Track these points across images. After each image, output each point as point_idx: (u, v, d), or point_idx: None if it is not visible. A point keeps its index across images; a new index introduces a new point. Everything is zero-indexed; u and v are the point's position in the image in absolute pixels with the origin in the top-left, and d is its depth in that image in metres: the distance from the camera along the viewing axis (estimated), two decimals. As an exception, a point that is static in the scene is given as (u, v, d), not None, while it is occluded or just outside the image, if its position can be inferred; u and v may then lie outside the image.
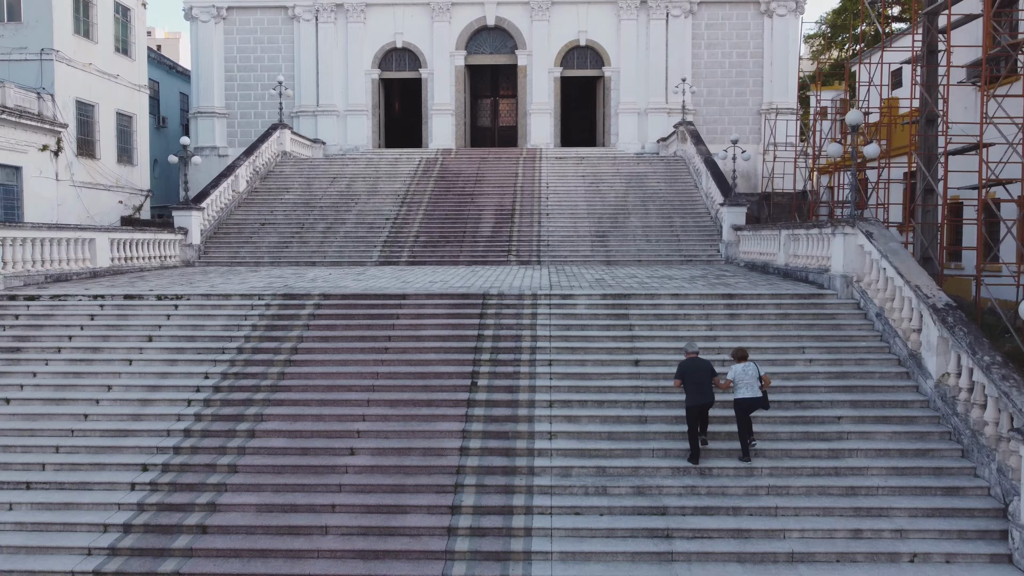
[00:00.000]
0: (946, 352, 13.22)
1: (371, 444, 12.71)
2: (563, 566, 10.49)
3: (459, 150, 40.24)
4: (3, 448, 12.82)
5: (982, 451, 11.90)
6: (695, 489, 11.80)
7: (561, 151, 39.23)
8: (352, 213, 30.96)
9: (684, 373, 12.18)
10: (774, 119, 38.95)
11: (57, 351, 15.32)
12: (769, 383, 12.43)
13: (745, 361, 12.35)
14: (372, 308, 16.76)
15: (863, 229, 16.33)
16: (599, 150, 40.69)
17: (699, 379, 12.06)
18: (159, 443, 12.81)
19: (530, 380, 14.17)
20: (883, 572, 10.39)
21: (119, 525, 11.22)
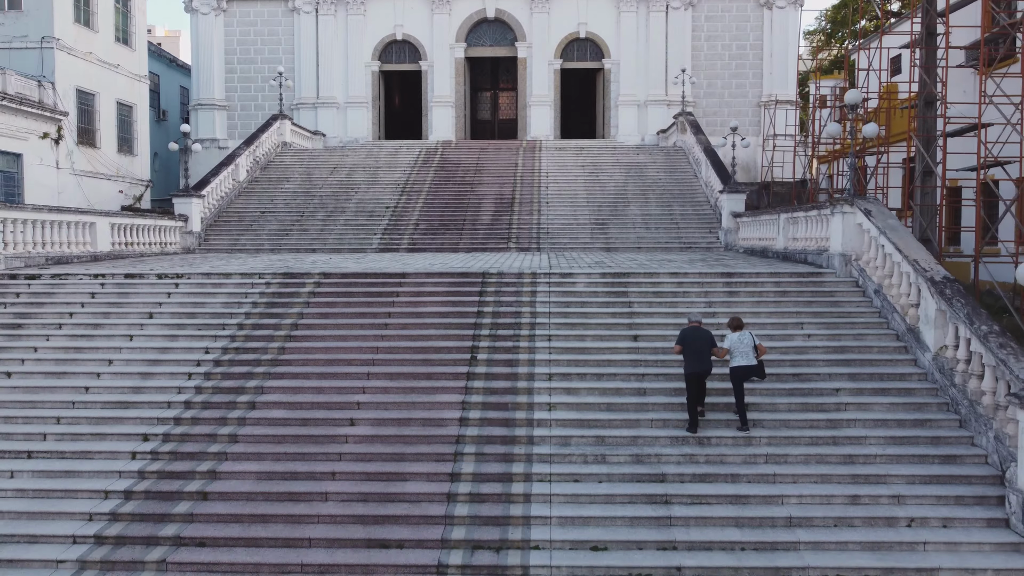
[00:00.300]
0: (944, 325, 13.26)
1: (371, 415, 12.75)
2: (562, 530, 10.55)
3: (459, 142, 40.31)
4: (4, 419, 12.87)
5: (979, 420, 11.94)
6: (693, 457, 11.85)
7: (561, 143, 39.29)
8: (352, 202, 30.99)
9: (685, 340, 12.28)
10: (773, 110, 39.02)
11: (58, 327, 15.36)
12: (764, 352, 12.51)
13: (741, 330, 12.43)
14: (372, 286, 16.81)
15: (861, 207, 16.38)
16: (599, 142, 40.73)
17: (699, 347, 12.15)
18: (160, 414, 12.85)
19: (529, 354, 14.22)
20: (880, 536, 10.45)
21: (120, 492, 11.27)
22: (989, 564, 10.01)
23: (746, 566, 9.97)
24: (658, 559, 10.10)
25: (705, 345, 12.19)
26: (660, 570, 9.98)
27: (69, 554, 10.25)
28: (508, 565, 10.00)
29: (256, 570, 10.05)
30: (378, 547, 10.35)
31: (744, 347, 12.21)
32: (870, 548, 10.32)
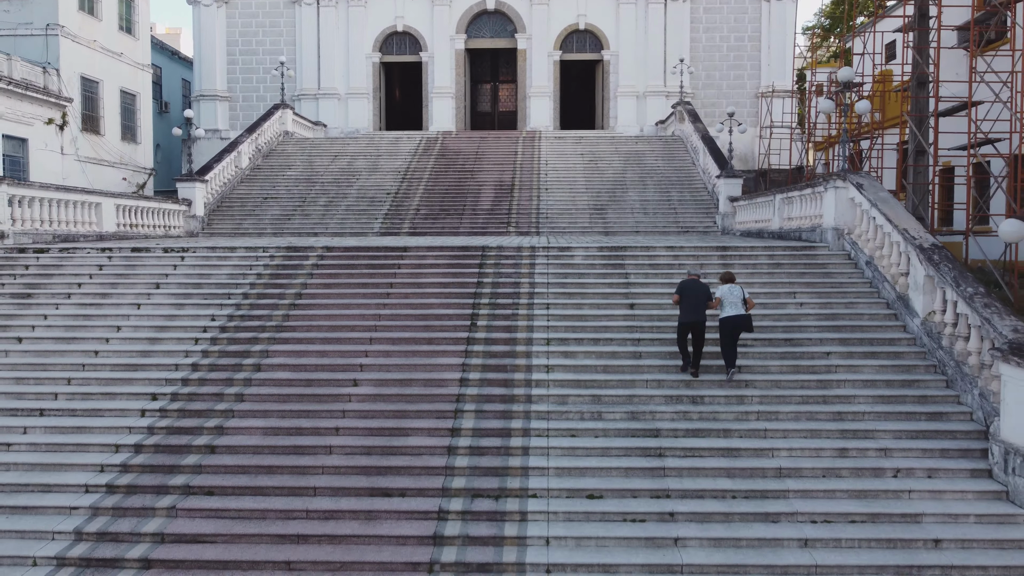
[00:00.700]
0: (932, 291, 13.61)
1: (374, 376, 13.10)
2: (559, 480, 10.89)
3: (459, 132, 40.65)
4: (16, 380, 13.21)
5: (965, 379, 12.29)
6: (687, 415, 12.20)
7: (560, 133, 39.65)
8: (354, 188, 31.33)
9: (683, 291, 12.81)
10: (771, 100, 39.36)
11: (67, 296, 15.71)
12: (753, 305, 13.05)
13: (732, 283, 12.90)
14: (374, 259, 17.16)
15: (853, 181, 16.73)
16: (598, 132, 41.07)
17: (695, 299, 12.67)
18: (168, 376, 13.20)
19: (528, 321, 14.57)
20: (867, 485, 10.79)
21: (130, 446, 11.62)
22: (971, 510, 10.36)
23: (737, 511, 10.31)
24: (652, 506, 10.44)
25: (701, 298, 12.72)
26: (654, 515, 10.32)
27: (82, 501, 10.59)
28: (507, 511, 10.34)
29: (263, 516, 10.39)
30: (381, 495, 10.69)
31: (734, 298, 12.69)
32: (857, 496, 10.66)
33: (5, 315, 15.02)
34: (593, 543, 9.91)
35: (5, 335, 14.42)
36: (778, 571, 9.50)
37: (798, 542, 9.91)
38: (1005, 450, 10.70)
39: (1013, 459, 10.53)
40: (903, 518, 10.27)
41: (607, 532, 10.01)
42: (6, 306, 15.32)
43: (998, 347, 10.97)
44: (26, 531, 10.17)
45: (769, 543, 9.89)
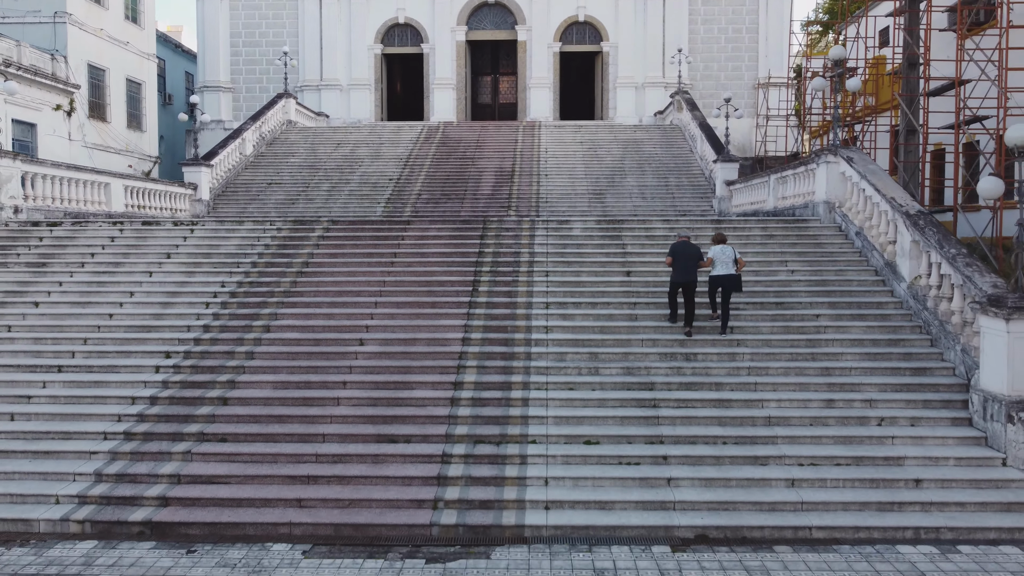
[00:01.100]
0: (918, 256, 14.10)
1: (379, 336, 13.59)
2: (557, 427, 11.38)
3: (460, 122, 41.12)
4: (34, 340, 13.71)
5: (948, 337, 12.78)
6: (681, 370, 12.69)
7: (560, 123, 40.10)
8: (356, 174, 31.81)
9: (675, 253, 13.35)
10: (767, 91, 39.86)
11: (81, 265, 16.20)
12: (743, 265, 13.62)
13: (723, 244, 13.43)
14: (378, 232, 17.65)
15: (844, 155, 17.22)
16: (597, 122, 41.54)
17: (686, 260, 13.18)
18: (180, 336, 13.69)
19: (528, 287, 15.06)
20: (852, 432, 11.27)
21: (146, 398, 12.11)
22: (951, 454, 10.84)
23: (727, 455, 10.79)
24: (646, 450, 10.92)
25: (692, 258, 13.25)
26: (647, 459, 10.81)
27: (101, 447, 11.08)
28: (507, 455, 10.82)
29: (274, 459, 10.88)
30: (387, 441, 11.18)
31: (725, 258, 13.23)
32: (842, 442, 11.15)
33: (22, 282, 15.51)
34: (590, 483, 10.39)
35: (22, 300, 14.90)
36: (766, 507, 9.98)
37: (785, 482, 10.39)
38: (984, 398, 11.18)
39: (991, 406, 11.01)
40: (886, 461, 10.75)
41: (603, 473, 10.49)
42: (22, 274, 15.81)
43: (977, 300, 11.45)
44: (48, 473, 10.66)
45: (758, 483, 10.37)
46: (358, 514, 9.84)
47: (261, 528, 9.72)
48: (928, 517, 9.79)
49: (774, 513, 9.88)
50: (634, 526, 9.61)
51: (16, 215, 18.34)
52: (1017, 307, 10.68)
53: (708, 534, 9.61)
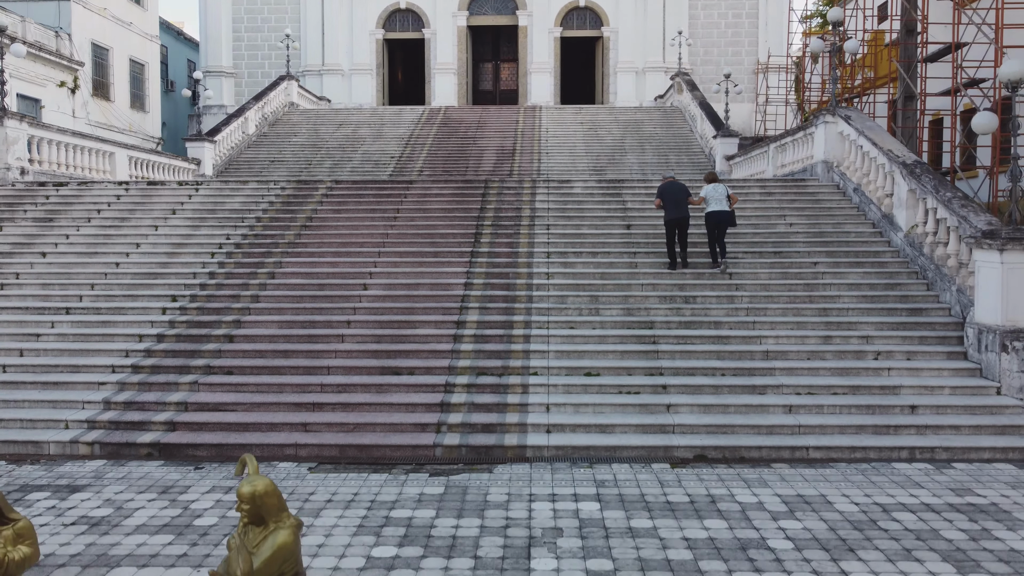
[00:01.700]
0: (914, 205, 14.27)
1: (382, 281, 13.77)
2: (559, 360, 11.56)
3: (462, 106, 41.32)
4: (42, 286, 13.88)
5: (944, 279, 12.95)
6: (680, 311, 12.86)
7: (561, 106, 40.32)
8: (358, 153, 31.99)
9: (663, 193, 13.55)
10: (766, 75, 40.05)
11: (87, 221, 16.38)
12: (736, 201, 13.85)
13: (716, 182, 13.70)
14: (381, 191, 17.84)
15: (842, 115, 17.39)
16: (598, 105, 41.74)
17: (676, 197, 13.42)
18: (186, 282, 13.88)
19: (529, 239, 15.24)
20: (849, 364, 11.45)
21: (153, 336, 12.29)
22: (947, 383, 11.02)
23: (725, 384, 10.97)
24: (645, 380, 11.09)
25: (681, 195, 13.55)
26: (647, 388, 10.98)
27: (109, 378, 11.25)
28: (509, 384, 11.00)
29: (280, 389, 11.05)
30: (391, 373, 11.35)
31: (718, 195, 13.49)
32: (839, 373, 11.33)
33: (29, 235, 15.69)
34: (591, 409, 10.57)
35: (30, 251, 15.09)
36: (763, 430, 10.15)
37: (783, 408, 10.56)
38: (979, 330, 11.36)
39: (985, 337, 11.19)
40: (882, 390, 10.92)
41: (603, 400, 10.67)
42: (30, 228, 16.00)
43: (972, 235, 11.63)
44: (58, 401, 10.84)
45: (755, 408, 10.54)
46: (362, 437, 10.01)
47: (267, 449, 9.88)
48: (923, 439, 9.96)
49: (772, 435, 10.05)
50: (634, 446, 9.78)
51: (22, 176, 18.52)
52: (1011, 238, 10.85)
53: (707, 454, 9.77)
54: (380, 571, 6.66)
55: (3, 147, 18.14)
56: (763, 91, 38.85)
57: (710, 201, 13.74)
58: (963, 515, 7.93)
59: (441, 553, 7.04)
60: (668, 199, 13.73)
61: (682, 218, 13.61)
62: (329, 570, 6.71)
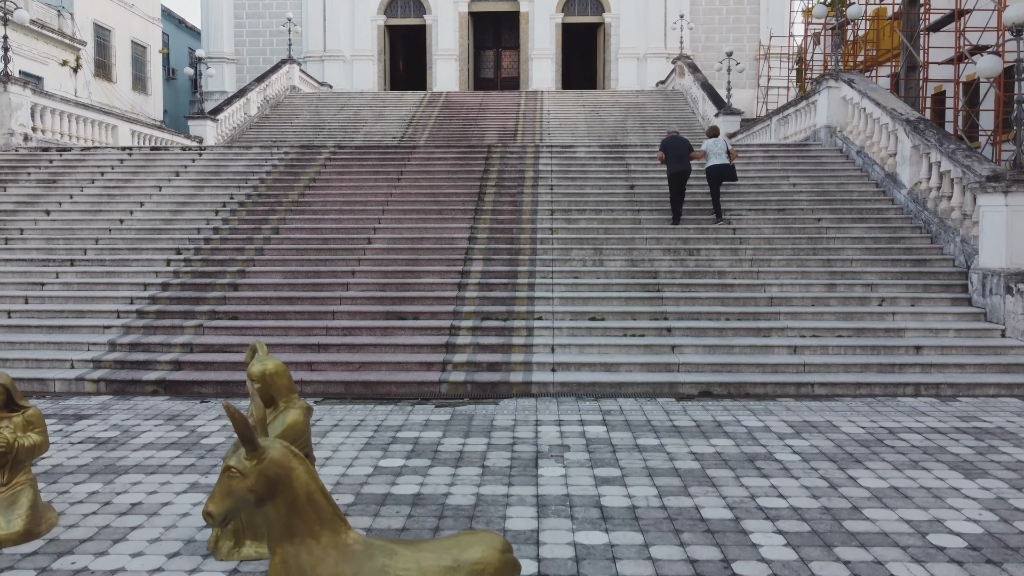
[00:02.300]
0: (918, 161, 14.28)
1: (387, 236, 13.78)
2: (563, 306, 11.57)
3: (463, 91, 41.34)
4: (46, 240, 13.90)
5: (948, 231, 12.95)
6: (684, 262, 12.87)
7: (562, 91, 40.33)
8: (360, 134, 31.93)
9: (666, 147, 13.67)
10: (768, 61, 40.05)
11: (91, 182, 16.40)
12: (736, 156, 13.91)
13: (716, 137, 13.74)
14: (384, 155, 17.85)
15: (845, 79, 17.40)
16: (599, 90, 41.76)
17: (678, 152, 13.48)
18: (191, 236, 13.89)
19: (532, 197, 15.25)
20: (853, 310, 11.46)
21: (158, 284, 12.31)
22: (951, 326, 11.02)
23: (730, 327, 10.98)
24: (650, 324, 11.10)
25: (683, 149, 13.66)
26: (652, 330, 10.99)
27: (114, 323, 11.27)
28: (514, 327, 11.01)
29: (285, 332, 11.06)
30: (396, 318, 11.36)
31: (719, 149, 13.55)
32: (844, 317, 11.34)
33: (33, 195, 15.71)
34: (596, 350, 10.58)
35: (34, 209, 15.10)
36: (768, 369, 10.16)
37: (787, 349, 10.57)
38: (983, 275, 11.37)
39: (990, 280, 11.20)
40: (887, 332, 10.93)
41: (608, 342, 10.68)
42: (33, 189, 16.01)
43: (977, 180, 11.63)
44: (63, 343, 10.85)
45: (760, 349, 10.55)
46: (367, 374, 10.02)
47: (273, 386, 9.86)
48: (928, 376, 9.96)
49: (776, 373, 10.06)
50: (639, 383, 9.78)
51: (26, 142, 18.52)
52: (1016, 180, 10.86)
53: (712, 391, 9.78)
54: (388, 477, 6.67)
55: (6, 112, 18.15)
56: (765, 72, 38.80)
57: (710, 155, 13.88)
58: (969, 436, 7.93)
59: (448, 464, 7.04)
60: (671, 153, 13.85)
61: (684, 171, 13.74)
62: (337, 476, 6.72)
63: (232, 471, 3.75)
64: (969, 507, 5.95)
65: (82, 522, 5.70)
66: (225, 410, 3.81)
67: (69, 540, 5.38)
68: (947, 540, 5.34)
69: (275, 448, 3.92)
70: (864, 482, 6.51)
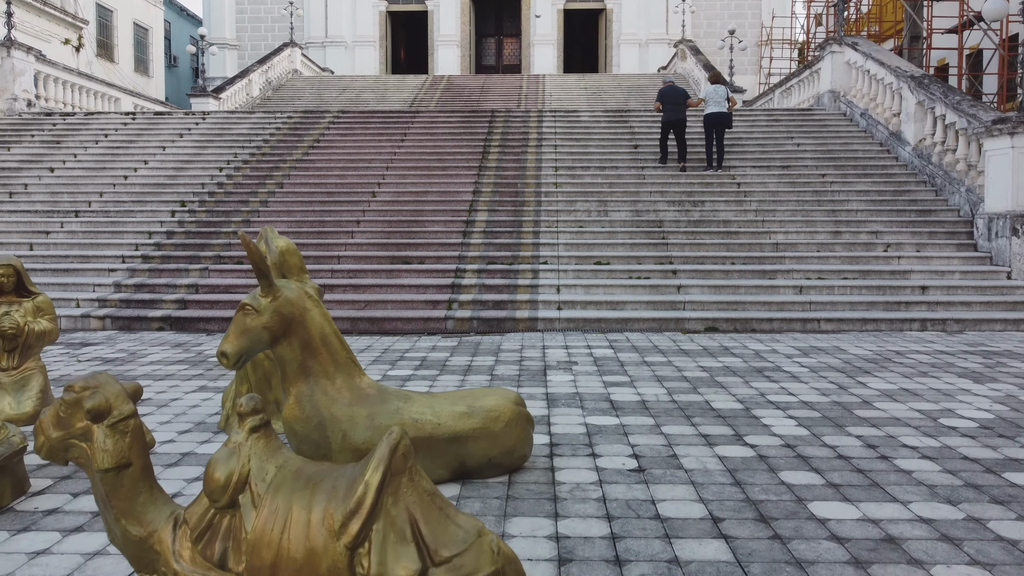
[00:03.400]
0: (923, 117, 14.27)
1: (391, 190, 13.77)
2: (568, 251, 11.56)
3: (465, 74, 41.34)
4: (51, 194, 13.88)
5: (953, 183, 12.94)
6: (688, 212, 12.86)
7: (564, 75, 40.32)
8: (362, 114, 31.96)
9: (663, 96, 13.79)
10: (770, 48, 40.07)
11: (95, 143, 16.38)
12: (735, 104, 13.99)
13: (718, 84, 13.75)
14: (387, 118, 17.85)
15: (849, 42, 17.38)
16: (601, 73, 41.76)
17: (675, 100, 13.61)
18: (195, 190, 13.88)
19: (536, 155, 15.24)
20: (859, 254, 11.45)
21: (162, 232, 12.32)
22: (957, 268, 11.02)
23: (735, 270, 10.97)
24: (655, 267, 11.09)
25: (680, 97, 13.80)
26: (657, 272, 10.99)
27: (119, 266, 11.27)
28: (520, 270, 11.00)
29: (290, 275, 11.02)
30: (401, 263, 11.36)
31: (718, 97, 13.61)
32: (849, 261, 11.33)
33: (37, 154, 15.70)
34: (601, 290, 10.57)
35: (39, 167, 15.08)
36: (774, 307, 10.15)
37: (793, 289, 10.57)
38: (988, 219, 11.36)
39: (996, 224, 11.19)
40: (892, 275, 10.93)
41: (614, 283, 10.67)
42: (38, 148, 16.00)
43: (983, 125, 11.62)
44: (69, 284, 10.85)
45: (765, 289, 10.55)
46: (373, 312, 10.01)
47: (279, 323, 9.85)
48: (934, 313, 9.95)
49: (782, 311, 10.05)
50: (645, 319, 9.78)
51: (29, 108, 18.52)
52: (1021, 121, 10.85)
53: (718, 327, 9.77)
54: (396, 382, 6.66)
55: (10, 77, 18.14)
56: (767, 54, 38.79)
57: (709, 102, 14.02)
58: (977, 356, 7.93)
59: (457, 374, 7.04)
60: (667, 102, 14.07)
61: (679, 120, 13.99)
62: (346, 381, 6.70)
63: (247, 308, 3.72)
64: (979, 401, 5.95)
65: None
66: (240, 239, 3.79)
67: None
68: (959, 423, 5.34)
69: (290, 288, 3.91)
70: (874, 385, 6.51)
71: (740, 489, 3.98)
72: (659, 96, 14.20)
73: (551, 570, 3.08)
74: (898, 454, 4.58)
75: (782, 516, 3.63)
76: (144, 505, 2.60)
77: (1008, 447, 4.72)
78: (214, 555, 2.47)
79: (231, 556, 2.45)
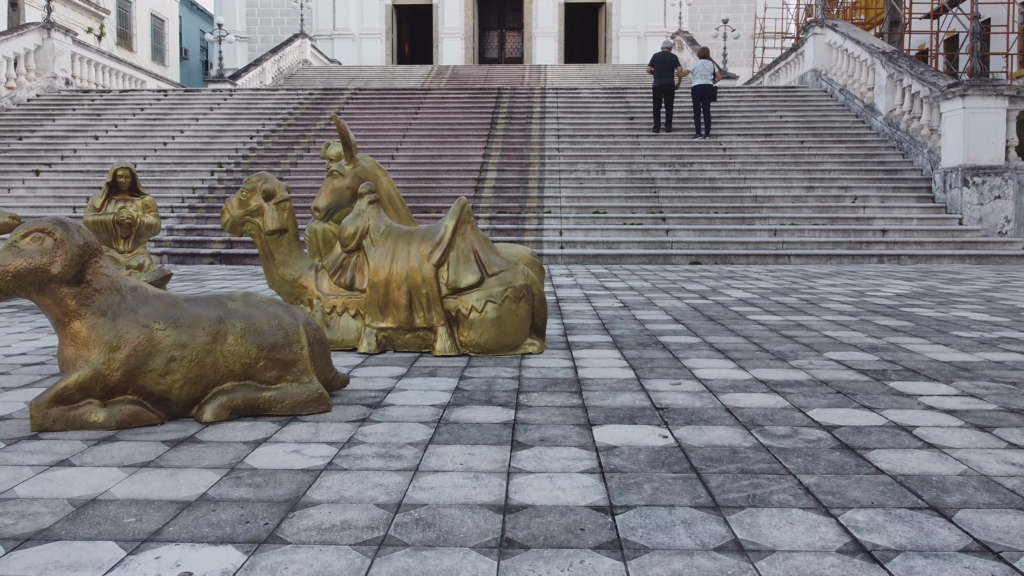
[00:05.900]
0: (893, 89, 15.64)
1: (407, 154, 15.15)
2: (569, 201, 12.94)
3: (469, 65, 42.74)
4: (98, 158, 15.25)
5: (917, 146, 14.32)
6: (678, 171, 14.24)
7: (565, 65, 41.71)
8: (371, 101, 33.36)
9: (654, 62, 15.14)
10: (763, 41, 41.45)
11: (132, 116, 17.76)
12: (720, 78, 15.29)
13: (705, 59, 15.11)
14: (401, 95, 19.24)
15: (830, 24, 18.76)
16: (601, 64, 43.14)
17: (664, 67, 14.90)
18: (229, 154, 15.25)
19: (540, 125, 16.62)
20: (829, 204, 12.84)
21: (204, 187, 13.69)
22: (915, 215, 12.41)
23: (718, 217, 12.36)
24: (647, 215, 12.48)
25: (669, 65, 15.03)
26: (648, 219, 12.37)
27: (169, 215, 12.64)
28: (526, 217, 12.38)
29: (322, 221, 12.41)
30: (420, 211, 12.73)
31: (705, 71, 14.97)
32: (820, 210, 12.72)
33: (80, 124, 17.08)
34: (599, 233, 11.96)
35: (83, 135, 16.46)
36: (751, 246, 11.53)
37: (768, 231, 11.95)
38: (944, 173, 12.74)
39: (950, 176, 12.57)
40: (857, 220, 12.31)
41: (610, 227, 12.06)
42: (80, 120, 17.37)
43: (940, 90, 13.01)
44: (126, 228, 12.21)
45: (744, 232, 11.93)
46: (398, 250, 11.36)
47: (315, 259, 11.23)
48: (891, 251, 11.34)
49: (758, 248, 11.43)
50: (637, 255, 11.16)
51: (67, 86, 19.89)
52: (972, 84, 12.23)
53: (700, 261, 11.15)
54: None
55: (50, 57, 19.52)
56: (760, 44, 40.18)
57: (696, 75, 15.31)
58: (917, 273, 9.30)
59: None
60: (658, 67, 15.41)
61: (667, 85, 15.30)
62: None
63: (335, 172, 5.09)
64: (900, 286, 7.32)
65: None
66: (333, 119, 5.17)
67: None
68: (877, 297, 6.71)
69: (366, 160, 5.28)
70: (822, 282, 7.89)
71: (698, 312, 5.36)
72: (652, 61, 15.59)
73: (560, 329, 4.47)
74: (823, 305, 5.96)
75: (726, 319, 5.01)
76: (295, 258, 3.98)
77: (915, 305, 6.10)
78: (346, 282, 3.86)
79: (358, 279, 3.83)
